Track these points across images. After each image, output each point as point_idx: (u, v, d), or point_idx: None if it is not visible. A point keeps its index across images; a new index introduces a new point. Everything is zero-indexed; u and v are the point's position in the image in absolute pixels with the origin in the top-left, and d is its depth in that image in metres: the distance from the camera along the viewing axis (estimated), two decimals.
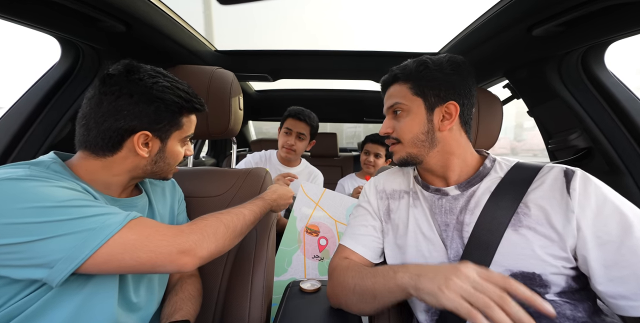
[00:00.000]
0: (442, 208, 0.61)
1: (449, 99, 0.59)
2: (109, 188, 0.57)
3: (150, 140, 0.56)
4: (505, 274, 0.50)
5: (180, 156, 0.63)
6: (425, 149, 0.61)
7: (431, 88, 0.60)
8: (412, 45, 1.26)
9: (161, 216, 0.69)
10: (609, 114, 0.87)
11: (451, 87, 0.60)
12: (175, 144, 0.61)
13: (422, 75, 0.60)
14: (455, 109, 0.59)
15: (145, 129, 0.54)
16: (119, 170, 0.57)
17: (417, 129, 0.60)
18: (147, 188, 0.69)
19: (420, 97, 0.60)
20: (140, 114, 0.53)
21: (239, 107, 0.90)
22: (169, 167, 0.62)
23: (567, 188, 0.51)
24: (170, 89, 0.56)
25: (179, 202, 0.77)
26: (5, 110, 0.86)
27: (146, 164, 0.58)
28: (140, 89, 0.53)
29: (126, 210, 0.56)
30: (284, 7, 1.34)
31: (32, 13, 0.69)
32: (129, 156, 0.56)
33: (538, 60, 0.95)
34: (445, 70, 0.59)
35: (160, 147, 0.58)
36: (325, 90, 2.05)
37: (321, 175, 1.58)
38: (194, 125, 0.64)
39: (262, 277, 0.77)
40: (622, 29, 0.71)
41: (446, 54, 0.63)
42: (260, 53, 1.32)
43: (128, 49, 0.95)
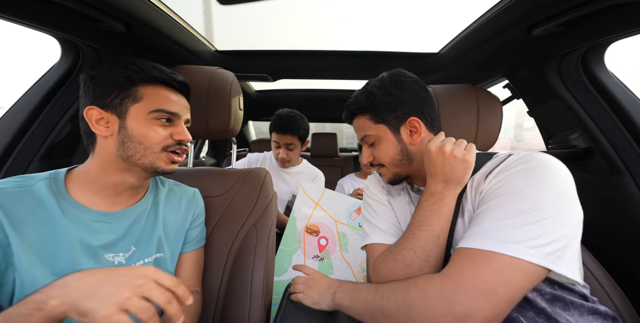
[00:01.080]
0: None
1: (408, 115, 0.62)
2: (99, 193, 0.57)
3: (108, 118, 0.54)
4: None
5: (156, 136, 0.56)
6: (406, 165, 0.65)
7: (387, 112, 0.63)
8: (412, 45, 1.26)
9: (167, 226, 0.66)
10: (609, 114, 0.87)
11: (404, 104, 0.62)
12: (140, 120, 0.55)
13: (374, 104, 0.64)
14: (418, 122, 0.62)
15: (92, 104, 0.53)
16: (102, 163, 0.56)
17: (392, 151, 0.64)
18: (160, 196, 0.68)
19: (382, 123, 0.64)
20: (87, 93, 0.54)
21: (239, 107, 0.90)
22: (145, 149, 0.55)
23: (489, 172, 0.54)
24: (118, 63, 0.55)
25: (195, 216, 0.73)
26: (6, 110, 0.86)
27: (117, 148, 0.54)
28: (87, 71, 0.55)
29: (117, 223, 0.57)
30: (284, 7, 1.34)
31: (32, 13, 0.69)
32: (102, 142, 0.55)
33: (538, 60, 0.95)
34: (392, 92, 0.62)
35: (120, 124, 0.54)
36: (325, 90, 2.05)
37: (322, 176, 1.58)
38: (167, 101, 0.57)
39: (262, 277, 0.77)
40: (622, 29, 0.71)
41: (387, 73, 0.66)
42: (260, 53, 1.32)
43: (128, 49, 0.95)
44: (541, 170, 0.48)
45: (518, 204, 0.46)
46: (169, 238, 0.66)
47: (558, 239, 0.44)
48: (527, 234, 0.44)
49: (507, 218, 0.46)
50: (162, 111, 0.56)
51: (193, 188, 0.77)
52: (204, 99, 0.84)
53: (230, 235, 0.80)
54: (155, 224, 0.64)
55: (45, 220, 0.51)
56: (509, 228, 0.45)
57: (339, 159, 2.30)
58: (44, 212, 0.51)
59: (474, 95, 0.87)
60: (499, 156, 0.57)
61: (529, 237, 0.43)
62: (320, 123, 3.27)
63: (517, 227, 0.45)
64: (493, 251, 0.44)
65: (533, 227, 0.44)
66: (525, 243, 0.43)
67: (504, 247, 0.44)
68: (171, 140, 0.58)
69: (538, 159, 0.50)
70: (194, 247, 0.72)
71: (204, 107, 0.84)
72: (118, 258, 0.57)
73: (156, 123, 0.56)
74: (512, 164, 0.52)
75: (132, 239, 0.60)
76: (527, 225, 0.44)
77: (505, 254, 0.43)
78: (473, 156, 0.55)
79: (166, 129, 0.58)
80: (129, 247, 0.59)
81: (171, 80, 0.58)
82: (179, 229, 0.69)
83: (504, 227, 0.46)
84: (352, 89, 2.05)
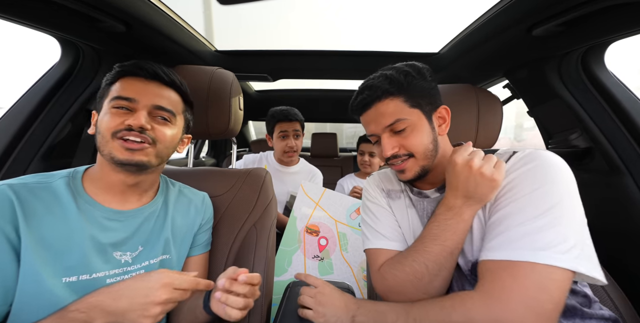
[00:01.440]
0: (425, 211, 0.64)
1: (439, 103, 0.61)
2: (109, 190, 0.58)
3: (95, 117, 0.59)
4: (469, 264, 0.54)
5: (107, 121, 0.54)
6: (433, 158, 0.60)
7: (423, 97, 0.59)
8: (412, 45, 1.26)
9: (175, 227, 0.66)
10: (609, 114, 0.87)
11: (436, 93, 0.62)
12: (103, 112, 0.56)
13: (413, 85, 0.58)
14: (447, 111, 0.62)
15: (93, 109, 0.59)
16: (99, 160, 0.58)
17: (426, 139, 0.58)
18: (170, 197, 0.68)
19: (417, 108, 0.58)
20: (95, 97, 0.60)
21: (239, 107, 0.90)
22: (102, 138, 0.54)
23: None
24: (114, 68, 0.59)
25: (204, 220, 0.73)
26: (6, 110, 0.86)
27: (98, 143, 0.55)
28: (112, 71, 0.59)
29: (128, 221, 0.58)
30: (284, 7, 1.34)
31: (32, 13, 0.69)
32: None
33: (538, 60, 0.95)
34: (427, 77, 0.61)
35: (97, 120, 0.57)
36: (325, 90, 2.05)
37: (320, 174, 1.58)
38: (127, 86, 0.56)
39: (262, 277, 0.77)
40: (622, 29, 0.71)
41: (412, 62, 0.62)
42: (260, 53, 1.32)
43: (128, 49, 0.95)
44: (549, 169, 0.48)
45: (536, 207, 0.45)
46: (177, 240, 0.66)
47: (580, 239, 0.44)
48: (554, 238, 0.43)
49: (529, 223, 0.45)
50: (118, 98, 0.55)
51: (202, 192, 0.77)
52: (204, 99, 0.84)
53: (230, 235, 0.80)
54: (163, 225, 0.64)
55: (61, 216, 0.52)
56: (534, 233, 0.44)
57: (338, 159, 2.30)
58: (60, 208, 0.53)
59: (474, 95, 0.87)
60: (501, 154, 0.57)
61: (557, 241, 0.43)
62: (320, 123, 3.28)
63: (542, 232, 0.44)
64: (527, 261, 0.43)
65: (557, 230, 0.43)
66: (554, 248, 0.42)
67: (536, 255, 0.42)
68: (121, 126, 0.54)
69: (542, 156, 0.50)
70: (200, 251, 0.73)
71: (204, 107, 0.84)
72: (125, 257, 0.57)
73: (112, 111, 0.55)
74: (518, 164, 0.51)
75: (140, 239, 0.60)
76: (551, 229, 0.43)
77: (540, 263, 0.42)
78: (502, 175, 0.50)
79: (122, 116, 0.54)
80: (136, 246, 0.59)
81: (137, 69, 0.57)
82: (187, 231, 0.69)
83: (529, 233, 0.44)
84: (352, 89, 2.04)
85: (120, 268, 0.56)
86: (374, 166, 1.77)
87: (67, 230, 0.52)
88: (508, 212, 0.48)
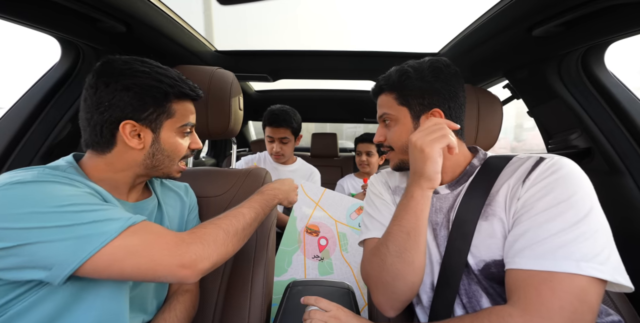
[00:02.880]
0: (433, 207, 0.63)
1: (433, 106, 0.60)
2: (117, 188, 0.58)
3: (141, 131, 0.54)
4: (480, 264, 0.53)
5: (181, 148, 0.60)
6: None
7: (414, 97, 0.61)
8: (412, 45, 1.26)
9: (170, 219, 0.68)
10: (609, 114, 0.87)
11: (434, 94, 0.60)
12: (171, 135, 0.58)
13: (405, 85, 0.61)
14: (440, 115, 0.60)
15: (129, 118, 0.52)
16: (121, 166, 0.56)
17: (405, 137, 0.62)
18: (157, 190, 0.69)
19: (405, 106, 0.62)
20: (120, 103, 0.51)
21: (239, 107, 0.90)
22: (170, 161, 0.60)
23: (526, 177, 0.52)
24: (148, 73, 0.53)
25: (190, 208, 0.75)
26: (6, 110, 0.86)
27: (145, 158, 0.56)
28: (115, 77, 0.52)
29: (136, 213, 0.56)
30: (284, 7, 1.34)
31: (32, 13, 0.69)
32: (126, 150, 0.55)
33: (538, 61, 0.95)
34: (426, 77, 0.60)
35: (154, 138, 0.56)
36: (325, 91, 2.05)
37: (318, 173, 1.58)
38: (191, 114, 0.61)
39: (262, 277, 0.77)
40: (622, 29, 0.71)
41: (429, 58, 0.63)
42: (260, 53, 1.32)
43: (128, 49, 0.95)
44: (578, 178, 0.48)
45: (573, 215, 0.44)
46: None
47: (613, 249, 0.43)
48: (593, 249, 0.42)
49: (565, 233, 0.43)
50: (188, 125, 0.61)
51: (183, 183, 0.79)
52: (204, 99, 0.84)
53: None
54: (162, 218, 0.66)
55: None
56: (572, 243, 0.42)
57: (338, 159, 2.30)
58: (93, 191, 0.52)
59: (474, 95, 0.87)
60: (524, 159, 0.55)
61: (595, 251, 0.42)
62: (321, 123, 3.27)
63: (581, 242, 0.42)
64: (567, 272, 0.41)
65: (594, 241, 0.42)
66: (595, 259, 0.41)
67: (579, 266, 0.41)
68: (188, 151, 0.63)
69: (569, 165, 0.50)
70: None
71: (204, 107, 0.84)
72: None
73: (182, 136, 0.61)
74: (549, 171, 0.50)
75: None
76: (589, 239, 0.42)
77: (581, 274, 0.40)
78: (435, 147, 0.51)
79: (186, 139, 0.62)
80: None
81: (197, 96, 0.61)
82: (179, 223, 0.71)
83: (567, 243, 0.43)
84: (352, 89, 2.05)
85: None
86: (373, 165, 1.76)
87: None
88: (542, 219, 0.46)
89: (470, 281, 0.56)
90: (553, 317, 0.40)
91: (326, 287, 0.81)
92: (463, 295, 0.56)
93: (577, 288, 0.41)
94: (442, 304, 0.57)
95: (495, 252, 0.52)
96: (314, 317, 0.58)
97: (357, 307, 0.75)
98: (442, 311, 0.57)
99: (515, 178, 0.53)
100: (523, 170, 0.53)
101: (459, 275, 0.55)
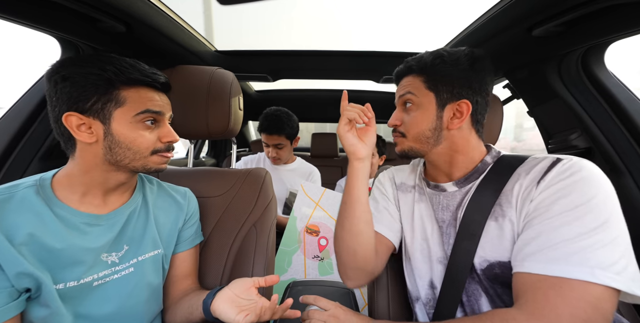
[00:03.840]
0: (440, 204, 0.62)
1: (462, 96, 0.57)
2: (86, 195, 0.55)
3: (89, 123, 0.51)
4: (484, 264, 0.52)
5: (143, 140, 0.55)
6: (429, 145, 0.60)
7: (445, 83, 0.57)
8: (412, 45, 1.26)
9: (159, 226, 0.65)
10: (609, 114, 0.87)
11: (466, 84, 0.56)
12: (126, 125, 0.53)
13: (437, 69, 0.57)
14: (467, 108, 0.56)
15: (73, 110, 0.50)
16: (87, 166, 0.54)
17: (425, 125, 0.58)
18: (147, 194, 0.66)
19: (432, 91, 0.58)
20: (62, 96, 0.50)
21: (239, 107, 0.90)
22: (134, 154, 0.54)
23: (540, 178, 0.49)
24: (92, 62, 0.51)
25: (189, 215, 0.72)
26: (5, 110, 0.85)
27: (104, 153, 0.53)
28: (57, 69, 0.51)
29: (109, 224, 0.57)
30: (284, 7, 1.34)
31: (32, 13, 0.69)
32: (84, 147, 0.53)
33: (538, 61, 0.95)
34: (461, 65, 0.56)
35: (105, 130, 0.52)
36: (325, 90, 2.05)
37: (318, 173, 1.58)
38: (149, 101, 0.55)
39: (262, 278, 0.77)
40: (623, 29, 0.71)
41: (465, 47, 0.60)
42: (260, 53, 1.32)
43: (128, 49, 0.95)
44: (598, 182, 0.45)
45: (591, 220, 0.42)
46: (163, 237, 0.66)
47: (632, 256, 0.41)
48: (610, 257, 0.40)
49: (582, 238, 0.41)
50: (147, 112, 0.54)
51: (184, 188, 0.75)
52: (204, 99, 0.84)
53: (230, 235, 0.80)
54: (147, 223, 0.63)
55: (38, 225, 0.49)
56: (590, 249, 0.40)
57: (338, 159, 2.30)
58: (35, 217, 0.50)
59: None
60: (539, 159, 0.52)
61: (612, 260, 0.40)
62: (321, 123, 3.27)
63: (598, 249, 0.40)
64: (580, 280, 0.39)
65: (612, 248, 0.40)
66: (611, 268, 0.39)
67: (594, 274, 0.39)
68: (160, 144, 0.58)
69: (588, 167, 0.47)
70: (190, 245, 0.71)
71: (204, 107, 0.84)
72: (111, 258, 0.57)
73: (142, 127, 0.55)
74: (567, 173, 0.47)
75: (123, 238, 0.59)
76: (607, 246, 0.40)
77: (595, 282, 0.39)
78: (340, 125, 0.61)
79: (152, 131, 0.56)
80: (121, 246, 0.59)
81: (154, 82, 0.56)
82: (171, 228, 0.67)
83: (584, 248, 0.41)
84: (353, 89, 2.05)
85: (108, 269, 0.56)
86: (374, 166, 1.76)
87: (49, 239, 0.49)
88: (557, 223, 0.44)
89: (470, 280, 0.55)
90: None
91: (326, 287, 0.82)
92: (462, 293, 0.55)
93: (590, 296, 0.39)
94: (446, 304, 0.56)
95: (501, 253, 0.51)
96: (312, 316, 0.57)
97: (357, 307, 0.75)
98: (445, 311, 0.56)
99: (529, 179, 0.51)
100: (538, 170, 0.50)
101: (465, 276, 0.54)
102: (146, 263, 0.61)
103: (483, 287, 0.54)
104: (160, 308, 0.65)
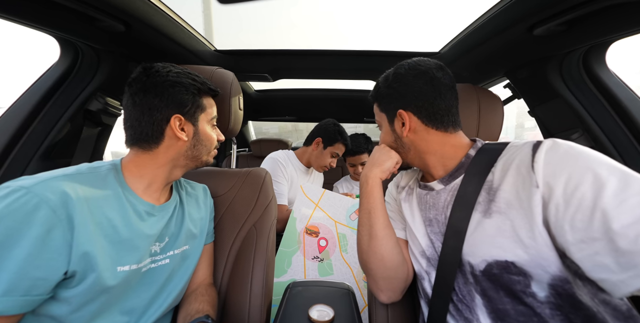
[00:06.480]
0: (427, 204, 0.63)
1: (397, 108, 0.64)
2: (150, 186, 0.62)
3: (184, 125, 0.62)
4: (481, 265, 0.51)
5: (213, 139, 0.69)
6: (403, 154, 0.67)
7: (387, 103, 0.67)
8: (412, 45, 1.26)
9: (192, 220, 0.71)
10: (611, 114, 0.86)
11: (398, 97, 0.63)
12: (206, 126, 0.66)
13: (379, 95, 0.68)
14: (406, 115, 0.62)
15: (177, 113, 0.60)
16: (164, 160, 0.62)
17: (387, 139, 0.69)
18: (180, 192, 0.73)
19: (383, 112, 0.68)
20: (168, 101, 0.59)
21: (239, 107, 0.90)
22: (207, 150, 0.68)
23: (532, 162, 0.47)
24: (184, 74, 0.63)
25: (210, 210, 0.80)
26: (5, 109, 0.85)
27: (187, 149, 0.63)
28: (161, 79, 0.59)
29: (161, 215, 0.63)
30: (284, 7, 1.35)
31: (32, 13, 0.68)
32: (172, 143, 0.61)
33: (539, 60, 0.95)
34: (391, 85, 0.64)
35: (194, 130, 0.64)
36: (325, 90, 2.05)
37: (321, 175, 1.71)
38: (214, 108, 0.69)
39: (262, 278, 0.76)
40: (624, 29, 0.71)
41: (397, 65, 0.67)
42: (260, 53, 1.32)
43: (127, 49, 0.95)
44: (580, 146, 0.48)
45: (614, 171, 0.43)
46: (196, 232, 0.71)
47: None
48: None
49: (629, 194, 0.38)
50: (215, 117, 0.70)
51: (201, 184, 0.82)
52: None
53: (230, 236, 0.80)
54: (183, 219, 0.69)
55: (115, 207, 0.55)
56: None
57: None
58: (114, 199, 0.55)
59: (475, 95, 0.86)
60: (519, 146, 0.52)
61: None
62: None
63: None
64: None
65: None
66: None
67: None
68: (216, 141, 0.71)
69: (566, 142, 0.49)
70: (210, 240, 0.78)
71: None
72: (155, 248, 0.62)
73: (212, 128, 0.69)
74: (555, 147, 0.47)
75: (168, 231, 0.65)
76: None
77: None
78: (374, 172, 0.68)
79: (215, 131, 0.70)
80: (164, 238, 0.64)
81: (217, 93, 0.70)
82: (202, 224, 0.74)
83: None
84: (352, 89, 2.05)
85: (151, 257, 0.61)
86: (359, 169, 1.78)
87: (122, 221, 0.55)
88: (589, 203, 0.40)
89: (465, 280, 0.54)
90: None
91: (326, 288, 0.81)
92: (457, 293, 0.55)
93: None
94: (439, 302, 0.57)
95: (498, 252, 0.48)
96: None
97: (357, 308, 0.74)
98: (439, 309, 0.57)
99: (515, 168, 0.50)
100: (523, 156, 0.49)
101: (454, 273, 0.55)
102: (177, 257, 0.66)
103: (481, 288, 0.51)
104: (176, 303, 0.68)
